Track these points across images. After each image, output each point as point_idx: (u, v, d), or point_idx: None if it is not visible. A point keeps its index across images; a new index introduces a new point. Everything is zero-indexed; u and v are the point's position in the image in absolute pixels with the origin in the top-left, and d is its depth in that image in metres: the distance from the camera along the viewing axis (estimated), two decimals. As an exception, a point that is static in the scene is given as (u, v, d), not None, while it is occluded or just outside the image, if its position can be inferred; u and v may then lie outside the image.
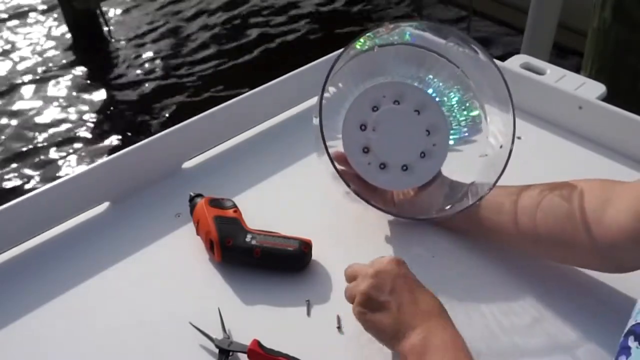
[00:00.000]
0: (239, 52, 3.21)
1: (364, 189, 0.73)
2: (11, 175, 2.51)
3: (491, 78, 0.72)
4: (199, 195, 0.77)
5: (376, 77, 0.74)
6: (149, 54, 3.22)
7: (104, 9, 3.44)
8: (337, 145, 0.73)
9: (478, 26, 3.13)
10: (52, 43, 3.34)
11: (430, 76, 0.76)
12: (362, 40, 0.72)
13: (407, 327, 0.56)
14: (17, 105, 2.89)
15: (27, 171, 2.53)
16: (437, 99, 0.75)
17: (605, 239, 0.60)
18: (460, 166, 0.75)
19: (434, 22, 0.75)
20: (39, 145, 2.65)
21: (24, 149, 2.64)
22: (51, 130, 2.72)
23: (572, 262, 0.69)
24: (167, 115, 2.80)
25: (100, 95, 2.98)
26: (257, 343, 0.62)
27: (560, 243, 0.65)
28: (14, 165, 2.55)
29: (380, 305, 0.58)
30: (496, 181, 0.70)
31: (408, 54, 0.76)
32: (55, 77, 3.08)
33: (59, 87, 3.01)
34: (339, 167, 0.71)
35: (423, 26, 0.75)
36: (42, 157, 2.59)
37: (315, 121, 0.69)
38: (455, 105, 0.76)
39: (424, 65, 0.75)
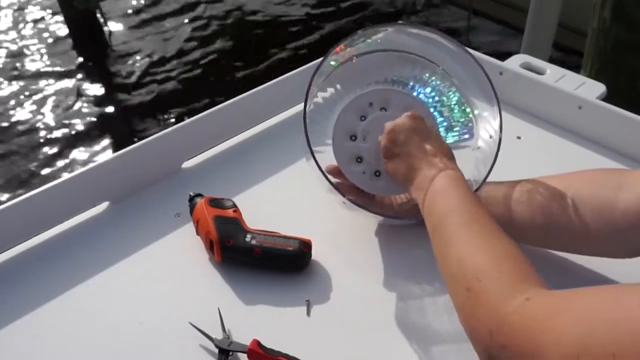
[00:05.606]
0: (241, 51, 3.20)
1: (362, 198, 0.74)
2: (10, 175, 2.50)
3: (473, 72, 0.72)
4: (199, 195, 0.77)
5: (366, 82, 0.74)
6: (149, 54, 3.22)
7: (104, 9, 3.44)
8: (327, 151, 0.73)
9: (478, 26, 3.13)
10: (51, 43, 3.34)
11: (427, 74, 0.76)
12: (340, 47, 0.72)
13: (414, 170, 0.65)
14: (16, 105, 2.88)
15: (27, 171, 2.53)
16: (437, 98, 0.75)
17: (622, 224, 0.60)
18: (458, 164, 0.75)
19: (409, 23, 0.75)
20: (38, 145, 2.65)
21: (23, 149, 2.64)
22: (50, 130, 2.72)
23: (583, 251, 0.68)
24: (167, 115, 2.80)
25: (99, 94, 2.98)
26: (257, 343, 0.62)
27: (571, 232, 0.64)
28: (13, 165, 2.55)
29: (395, 155, 0.68)
30: (489, 171, 0.70)
31: (393, 58, 0.76)
32: (55, 76, 3.08)
33: (59, 87, 3.00)
34: (334, 180, 0.72)
35: (398, 28, 0.76)
36: (41, 157, 2.59)
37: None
38: (455, 104, 0.76)
39: (417, 64, 0.76)
